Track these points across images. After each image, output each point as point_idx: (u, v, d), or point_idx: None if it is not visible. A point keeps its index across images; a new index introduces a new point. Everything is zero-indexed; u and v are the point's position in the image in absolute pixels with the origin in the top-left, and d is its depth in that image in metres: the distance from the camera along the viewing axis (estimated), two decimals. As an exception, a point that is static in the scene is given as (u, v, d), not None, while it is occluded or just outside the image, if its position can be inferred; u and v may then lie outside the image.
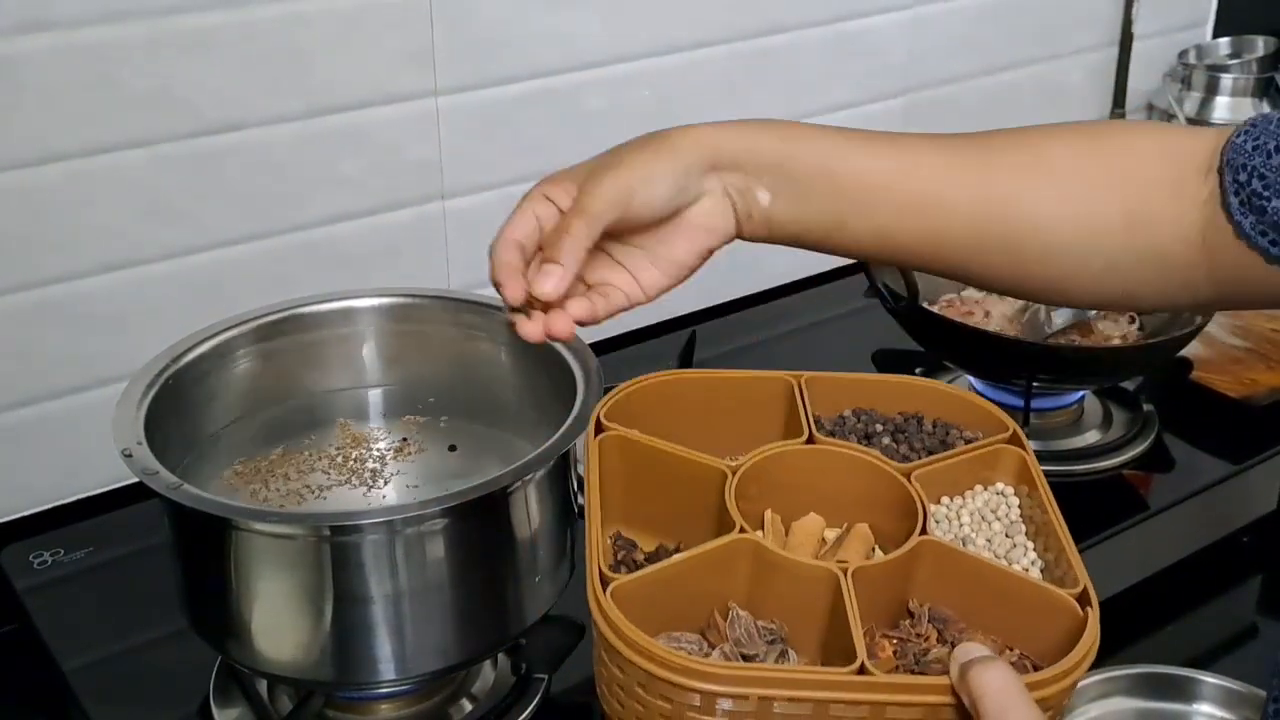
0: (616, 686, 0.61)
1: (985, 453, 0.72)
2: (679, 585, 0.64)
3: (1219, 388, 1.16)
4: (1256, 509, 1.09)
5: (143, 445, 0.73)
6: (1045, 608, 0.63)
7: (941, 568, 0.66)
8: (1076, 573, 0.64)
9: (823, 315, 1.33)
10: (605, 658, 0.61)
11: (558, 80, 1.15)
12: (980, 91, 1.46)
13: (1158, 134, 0.71)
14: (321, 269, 1.07)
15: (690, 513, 0.70)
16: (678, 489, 0.71)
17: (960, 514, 0.71)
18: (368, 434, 0.86)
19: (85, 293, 0.98)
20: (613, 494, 0.70)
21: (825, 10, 1.29)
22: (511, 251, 0.67)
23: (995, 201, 0.69)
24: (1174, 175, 0.67)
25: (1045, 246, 0.69)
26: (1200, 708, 0.87)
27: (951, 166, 0.70)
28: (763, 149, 0.69)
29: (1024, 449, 0.72)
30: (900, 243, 0.71)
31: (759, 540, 0.65)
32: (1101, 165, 0.69)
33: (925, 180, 0.70)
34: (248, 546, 0.71)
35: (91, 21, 0.92)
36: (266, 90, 1.01)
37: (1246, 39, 1.56)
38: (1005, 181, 0.70)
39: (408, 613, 0.72)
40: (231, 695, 0.83)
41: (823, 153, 0.70)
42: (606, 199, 0.66)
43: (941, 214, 0.70)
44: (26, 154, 0.93)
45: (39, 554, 0.96)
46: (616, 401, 0.74)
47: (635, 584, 0.62)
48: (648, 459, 0.71)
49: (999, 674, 0.55)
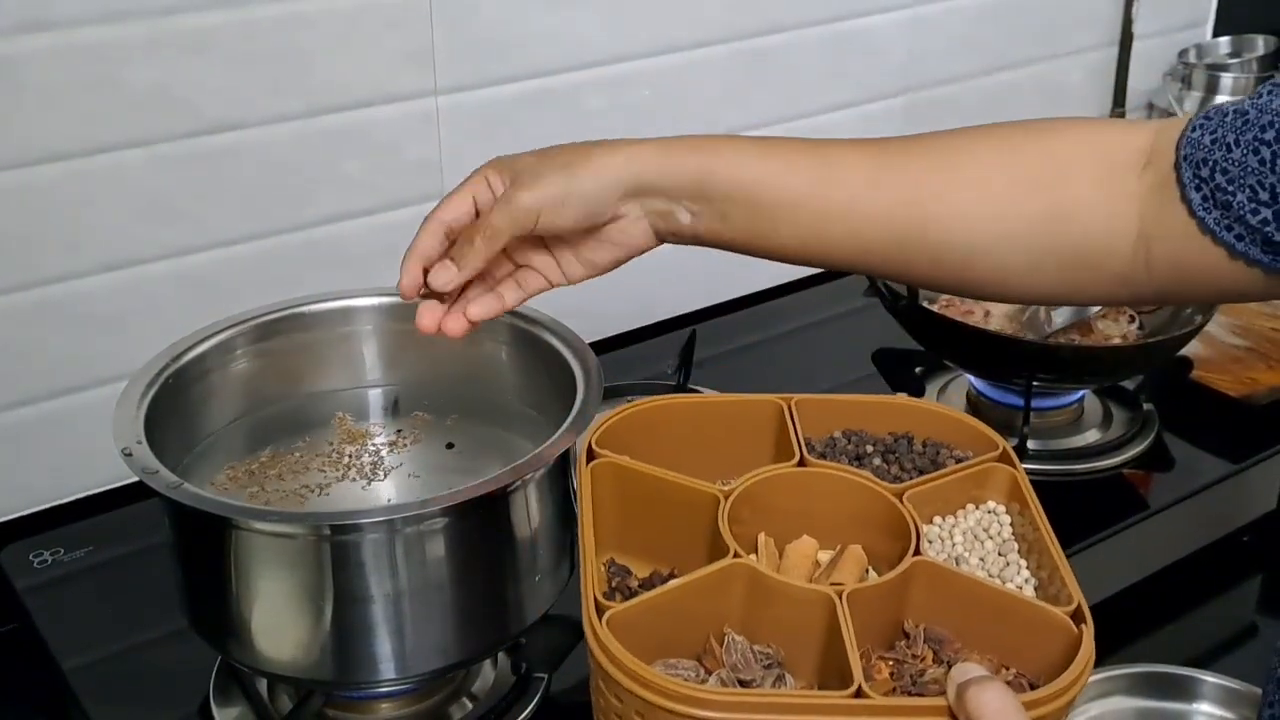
0: (615, 716, 0.61)
1: (976, 471, 0.72)
2: (674, 611, 0.64)
3: (1219, 387, 1.16)
4: (1256, 508, 1.09)
5: (143, 444, 0.73)
6: (1040, 626, 0.63)
7: (936, 588, 0.65)
8: (1070, 590, 0.63)
9: (823, 314, 1.33)
10: (603, 687, 0.61)
11: (557, 80, 1.15)
12: (980, 91, 1.46)
13: (1084, 128, 0.71)
14: (322, 268, 1.07)
15: (684, 538, 0.70)
16: (671, 514, 0.70)
17: (953, 533, 0.70)
18: (366, 430, 0.86)
19: (85, 292, 0.98)
20: (606, 520, 0.69)
21: (825, 10, 1.29)
22: (433, 239, 0.71)
23: (914, 204, 0.70)
24: (1102, 170, 0.68)
25: (968, 247, 0.70)
26: (1200, 707, 0.87)
27: (872, 171, 0.71)
28: (682, 172, 0.72)
29: (1015, 467, 0.72)
30: (825, 249, 0.73)
31: (753, 565, 0.65)
32: (1022, 162, 0.70)
33: (844, 188, 0.71)
34: (248, 546, 0.72)
35: (92, 21, 0.92)
36: (267, 90, 1.01)
37: (1246, 38, 1.57)
38: (925, 184, 0.71)
39: (408, 612, 0.72)
40: (232, 694, 0.83)
41: (740, 171, 0.72)
42: (512, 217, 0.70)
43: (863, 220, 0.71)
44: (27, 154, 0.93)
45: (39, 553, 0.96)
46: (608, 428, 0.74)
47: (631, 611, 0.62)
48: (640, 485, 0.71)
49: (996, 694, 0.55)
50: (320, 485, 0.81)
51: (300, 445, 0.85)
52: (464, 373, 0.89)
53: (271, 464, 0.83)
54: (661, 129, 1.23)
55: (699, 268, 1.31)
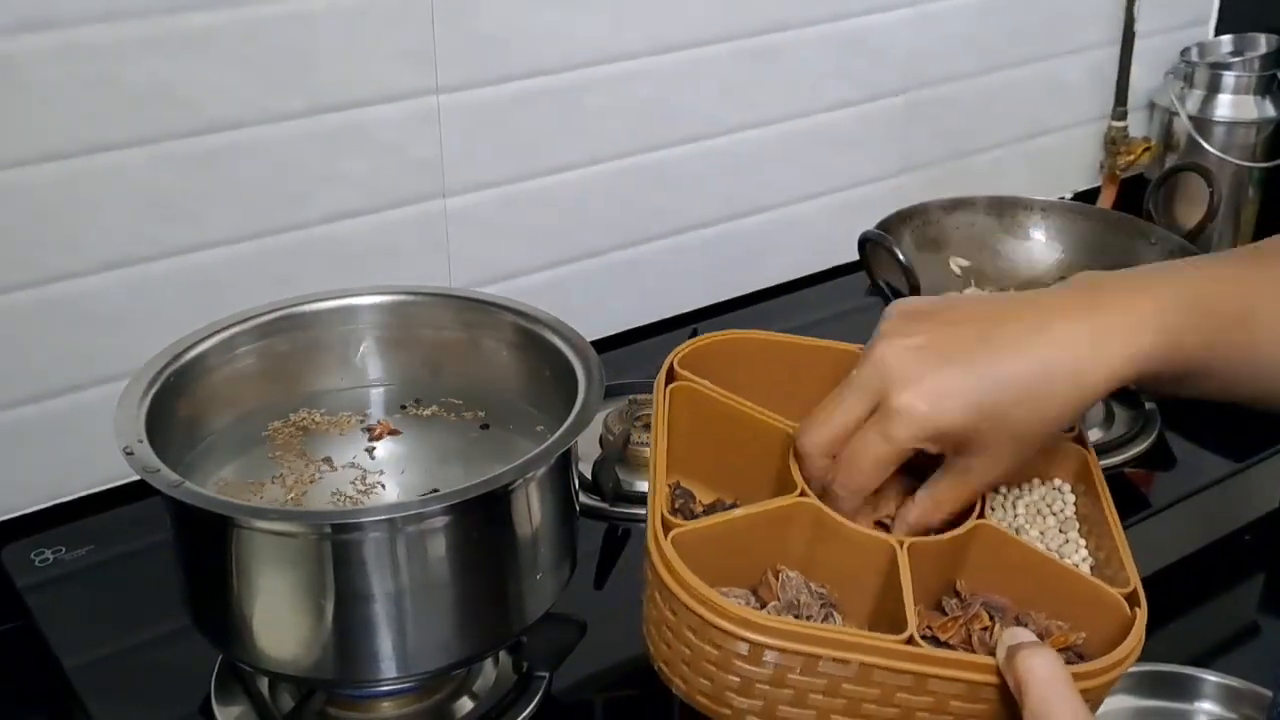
0: (666, 629, 0.61)
1: (1047, 448, 0.72)
2: (735, 541, 0.64)
3: (1220, 386, 1.16)
4: (1258, 507, 1.09)
5: (144, 443, 0.73)
6: (1095, 603, 0.63)
7: (995, 553, 0.66)
8: (1129, 573, 0.63)
9: (823, 314, 1.33)
10: (659, 598, 0.61)
11: (559, 79, 1.15)
12: (981, 89, 1.46)
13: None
14: (322, 267, 1.07)
15: (752, 470, 0.70)
16: (742, 445, 0.70)
17: (1016, 504, 0.71)
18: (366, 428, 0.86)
19: (86, 291, 0.98)
20: (676, 443, 0.69)
21: (826, 8, 1.29)
22: (818, 461, 0.65)
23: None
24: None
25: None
26: (1202, 706, 0.87)
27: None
28: (1186, 356, 0.63)
29: (1086, 448, 0.72)
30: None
31: (819, 505, 0.65)
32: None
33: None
34: (249, 544, 0.71)
35: (92, 20, 0.92)
36: (267, 88, 1.01)
37: (1249, 36, 1.56)
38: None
39: (409, 610, 0.72)
40: (233, 693, 0.83)
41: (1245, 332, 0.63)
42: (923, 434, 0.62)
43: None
44: (27, 152, 0.93)
45: (40, 552, 0.96)
46: (692, 350, 0.73)
47: (693, 534, 0.62)
48: (715, 413, 0.71)
49: (1046, 661, 0.55)
50: (321, 485, 0.81)
51: (304, 441, 0.85)
52: (465, 372, 0.89)
53: (278, 459, 0.83)
54: (662, 128, 1.23)
55: (700, 266, 1.31)
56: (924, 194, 1.23)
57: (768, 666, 0.58)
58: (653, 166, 1.23)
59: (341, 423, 0.86)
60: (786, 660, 0.58)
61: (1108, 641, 0.61)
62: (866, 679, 0.58)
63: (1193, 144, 1.51)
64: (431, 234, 1.13)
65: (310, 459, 0.83)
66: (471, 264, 1.16)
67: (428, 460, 0.84)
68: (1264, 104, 1.50)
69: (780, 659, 0.57)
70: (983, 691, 0.57)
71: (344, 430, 0.86)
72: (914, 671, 0.57)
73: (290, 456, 0.83)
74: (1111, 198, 1.58)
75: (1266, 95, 1.50)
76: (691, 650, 0.60)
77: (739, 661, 0.58)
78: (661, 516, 0.63)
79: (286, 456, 0.83)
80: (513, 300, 0.89)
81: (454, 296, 0.90)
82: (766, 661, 0.58)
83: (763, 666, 0.58)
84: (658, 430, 0.68)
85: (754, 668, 0.58)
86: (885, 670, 0.57)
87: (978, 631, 0.62)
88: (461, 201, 1.13)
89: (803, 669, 0.58)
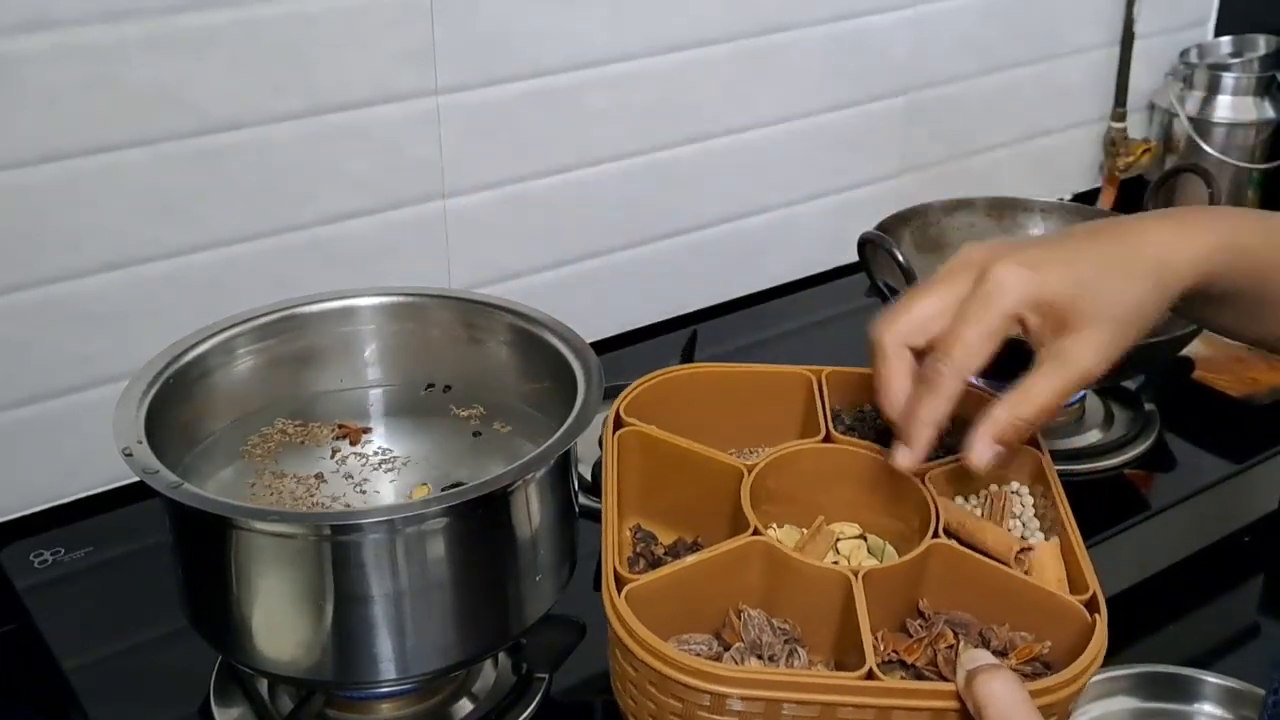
0: (630, 684, 0.62)
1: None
2: (692, 586, 0.64)
3: (1221, 387, 1.16)
4: (1258, 508, 1.09)
5: (143, 444, 0.73)
6: (1055, 612, 0.63)
7: (954, 570, 0.66)
8: (1087, 578, 0.64)
9: (823, 314, 1.33)
10: (619, 655, 0.61)
11: (559, 79, 1.15)
12: (981, 90, 1.46)
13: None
14: (322, 268, 1.07)
15: (708, 508, 0.71)
16: (696, 485, 0.71)
17: (974, 512, 0.71)
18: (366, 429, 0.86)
19: (86, 292, 0.98)
20: (632, 487, 0.70)
21: (826, 8, 1.29)
22: (899, 356, 0.64)
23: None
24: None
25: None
26: (1202, 707, 0.87)
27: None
28: (1249, 265, 0.66)
29: (1040, 450, 0.72)
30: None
31: (771, 542, 0.65)
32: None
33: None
34: (248, 546, 0.71)
35: (93, 20, 0.92)
36: (267, 89, 1.01)
37: (1248, 38, 1.56)
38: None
39: (408, 612, 0.72)
40: (232, 695, 0.83)
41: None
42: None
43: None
44: (27, 153, 0.93)
45: (39, 553, 0.96)
46: (635, 396, 0.74)
47: (648, 587, 0.63)
48: (666, 455, 0.71)
49: (1005, 684, 0.56)
50: (321, 485, 0.81)
51: (303, 441, 0.85)
52: (465, 373, 0.89)
53: (278, 458, 0.83)
54: (662, 129, 1.23)
55: (700, 267, 1.31)
56: (924, 195, 1.23)
57: (732, 715, 0.58)
58: (653, 167, 1.23)
59: (339, 425, 0.86)
60: (750, 707, 0.58)
61: (1073, 649, 0.61)
62: (831, 717, 0.58)
63: (1192, 145, 1.51)
64: (431, 234, 1.13)
65: (310, 459, 0.83)
66: (471, 265, 1.16)
67: (427, 462, 0.84)
68: (1263, 105, 1.50)
69: (744, 706, 0.58)
70: (946, 718, 0.58)
71: (343, 431, 0.86)
72: (876, 705, 0.58)
73: (289, 458, 0.83)
74: (1111, 199, 1.58)
75: (1266, 96, 1.50)
76: (657, 705, 0.60)
77: (704, 713, 0.58)
78: (614, 572, 0.63)
79: (286, 458, 0.83)
80: (512, 301, 0.88)
81: (454, 298, 0.90)
82: (730, 709, 0.58)
83: (727, 715, 0.58)
84: (608, 482, 0.69)
85: (719, 717, 0.58)
86: (848, 707, 0.58)
87: (943, 650, 0.63)
88: (461, 202, 1.13)
89: (766, 714, 0.58)
